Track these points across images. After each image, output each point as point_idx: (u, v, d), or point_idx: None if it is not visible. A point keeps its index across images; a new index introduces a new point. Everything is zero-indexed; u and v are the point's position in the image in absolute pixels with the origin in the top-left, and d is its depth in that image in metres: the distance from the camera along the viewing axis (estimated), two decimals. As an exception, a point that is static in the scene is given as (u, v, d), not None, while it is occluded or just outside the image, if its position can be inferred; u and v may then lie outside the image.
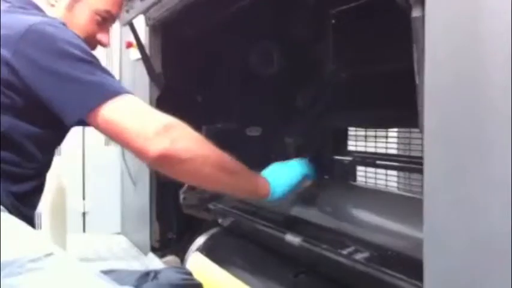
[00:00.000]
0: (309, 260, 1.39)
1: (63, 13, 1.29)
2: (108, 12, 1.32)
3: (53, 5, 1.29)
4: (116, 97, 1.10)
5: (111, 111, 1.09)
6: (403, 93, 1.53)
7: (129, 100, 1.12)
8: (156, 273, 1.24)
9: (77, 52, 1.11)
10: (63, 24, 1.18)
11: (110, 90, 1.10)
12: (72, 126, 1.15)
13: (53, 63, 1.09)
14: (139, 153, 1.11)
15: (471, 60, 0.65)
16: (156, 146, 1.07)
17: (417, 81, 0.75)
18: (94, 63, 1.13)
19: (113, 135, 1.12)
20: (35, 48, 1.09)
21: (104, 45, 1.37)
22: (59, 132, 1.22)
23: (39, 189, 1.24)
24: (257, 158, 2.12)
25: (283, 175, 1.31)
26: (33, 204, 1.23)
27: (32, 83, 1.09)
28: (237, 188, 1.26)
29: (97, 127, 1.12)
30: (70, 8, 1.29)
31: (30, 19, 1.13)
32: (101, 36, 1.34)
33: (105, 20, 1.33)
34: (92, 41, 1.33)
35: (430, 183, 0.70)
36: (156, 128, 1.08)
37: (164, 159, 1.09)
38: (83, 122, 1.13)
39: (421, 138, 1.86)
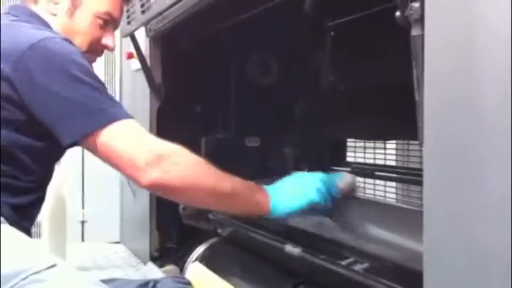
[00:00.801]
0: (308, 270, 1.40)
1: (65, 21, 1.29)
2: (108, 14, 1.32)
3: (54, 14, 1.28)
4: (113, 123, 1.08)
5: (105, 137, 1.08)
6: (401, 105, 1.56)
7: (126, 126, 1.11)
8: (155, 282, 1.24)
9: (78, 73, 1.10)
10: (68, 40, 1.17)
11: (106, 116, 1.09)
12: (67, 147, 1.14)
13: (52, 82, 1.08)
14: (132, 180, 1.11)
15: (469, 78, 0.67)
16: (147, 176, 1.07)
17: (417, 98, 0.76)
18: (95, 85, 1.11)
19: (106, 161, 1.12)
20: (35, 66, 1.08)
21: (109, 49, 1.37)
22: (58, 147, 1.20)
23: (38, 203, 1.24)
24: (256, 168, 2.15)
25: (289, 196, 1.21)
26: (32, 217, 1.23)
27: (28, 100, 1.09)
28: (235, 209, 1.25)
29: (92, 151, 1.11)
30: (70, 15, 1.29)
31: (34, 34, 1.13)
32: (106, 40, 1.34)
33: (107, 23, 1.33)
34: (97, 46, 1.34)
35: (429, 196, 0.72)
36: (147, 157, 1.07)
37: (156, 187, 1.10)
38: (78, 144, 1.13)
39: (420, 151, 1.87)
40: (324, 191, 1.23)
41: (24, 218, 1.17)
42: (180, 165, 1.11)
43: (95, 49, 1.34)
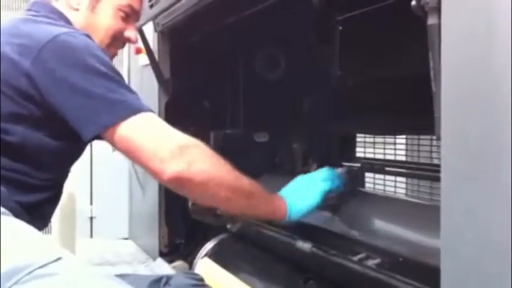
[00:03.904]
0: (318, 266, 1.39)
1: (87, 15, 1.29)
2: (130, 6, 1.32)
3: (76, 9, 1.29)
4: (134, 115, 1.08)
5: (127, 129, 1.07)
6: (411, 99, 1.54)
7: (146, 119, 1.10)
8: (168, 278, 1.24)
9: (97, 66, 1.09)
10: (88, 36, 1.17)
11: (127, 108, 1.09)
12: (88, 141, 1.13)
13: (72, 76, 1.07)
14: (154, 174, 1.09)
15: (488, 68, 0.65)
16: (171, 168, 1.06)
17: (433, 89, 0.75)
18: (114, 78, 1.11)
19: (128, 154, 1.11)
20: (54, 59, 1.08)
21: (132, 41, 1.38)
22: (76, 146, 1.20)
23: (52, 200, 1.23)
24: (264, 163, 2.14)
25: (302, 195, 1.25)
26: (45, 215, 1.22)
27: (48, 95, 1.08)
28: (253, 211, 1.23)
29: (113, 144, 1.11)
30: (93, 8, 1.29)
31: (53, 30, 1.12)
32: (128, 33, 1.34)
33: (128, 16, 1.33)
34: (120, 39, 1.34)
35: (447, 190, 0.70)
36: (171, 149, 1.07)
37: (179, 181, 1.08)
38: (100, 137, 1.12)
39: (431, 145, 1.86)
40: (332, 178, 1.29)
41: (37, 216, 1.16)
42: (203, 158, 1.11)
43: (117, 42, 1.34)
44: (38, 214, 1.17)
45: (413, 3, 0.76)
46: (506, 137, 0.63)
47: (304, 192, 1.25)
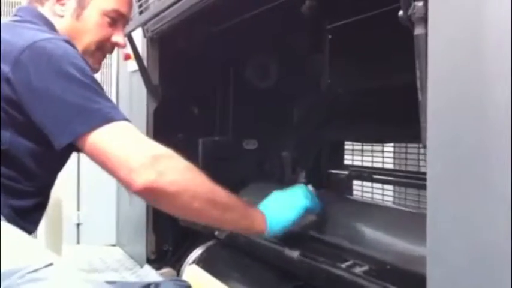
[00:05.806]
0: (307, 273, 1.39)
1: (72, 22, 1.27)
2: (116, 11, 1.29)
3: (61, 16, 1.27)
4: (107, 124, 1.06)
5: (99, 138, 1.05)
6: (399, 108, 1.56)
7: (120, 128, 1.08)
8: (156, 285, 1.23)
9: (74, 73, 1.08)
10: (68, 42, 1.16)
11: (101, 117, 1.06)
12: (61, 149, 1.10)
13: (47, 82, 1.06)
14: (123, 184, 1.07)
15: (474, 77, 0.66)
16: (141, 178, 1.03)
17: (420, 98, 0.76)
18: (90, 86, 1.09)
19: (98, 163, 1.08)
20: (31, 65, 1.07)
21: (120, 46, 1.36)
22: (61, 152, 1.16)
23: (40, 207, 1.22)
24: (253, 171, 2.14)
25: (283, 209, 1.25)
26: (34, 221, 1.21)
27: (25, 101, 1.07)
28: (229, 224, 1.21)
29: (85, 153, 1.09)
30: (78, 16, 1.27)
31: (33, 35, 1.11)
32: (116, 38, 1.32)
33: (115, 21, 1.31)
34: (107, 44, 1.32)
35: (433, 198, 0.71)
36: (143, 159, 1.04)
37: (149, 192, 1.05)
38: (75, 147, 1.10)
39: (418, 153, 1.88)
40: (311, 196, 1.30)
41: (25, 221, 1.15)
42: (176, 169, 1.08)
43: (105, 47, 1.32)
44: (27, 220, 1.16)
45: (400, 13, 0.77)
46: (492, 145, 0.64)
47: (284, 207, 1.25)
